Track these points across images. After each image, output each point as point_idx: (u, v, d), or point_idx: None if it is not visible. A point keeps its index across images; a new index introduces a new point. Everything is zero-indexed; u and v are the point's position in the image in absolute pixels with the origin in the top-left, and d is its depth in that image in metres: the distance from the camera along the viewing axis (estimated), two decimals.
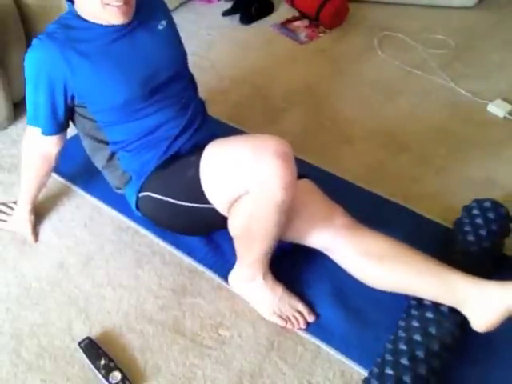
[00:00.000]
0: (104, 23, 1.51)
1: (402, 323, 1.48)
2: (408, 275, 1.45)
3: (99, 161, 1.74)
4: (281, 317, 1.57)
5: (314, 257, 1.62)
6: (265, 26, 2.97)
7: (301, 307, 1.57)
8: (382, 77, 2.57)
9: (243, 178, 1.40)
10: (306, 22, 2.97)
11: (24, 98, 2.29)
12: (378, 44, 2.76)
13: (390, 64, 2.64)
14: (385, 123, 2.30)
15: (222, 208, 1.51)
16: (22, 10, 2.22)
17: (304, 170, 1.65)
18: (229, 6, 3.05)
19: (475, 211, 1.70)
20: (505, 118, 2.30)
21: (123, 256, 1.77)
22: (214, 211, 1.53)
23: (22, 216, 1.82)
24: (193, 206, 1.54)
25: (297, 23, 2.97)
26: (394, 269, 1.47)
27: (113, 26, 1.51)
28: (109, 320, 1.60)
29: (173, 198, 1.56)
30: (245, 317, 1.60)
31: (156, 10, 1.65)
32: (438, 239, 1.73)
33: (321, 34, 2.89)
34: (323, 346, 1.52)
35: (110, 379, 1.43)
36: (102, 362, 1.46)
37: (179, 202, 1.55)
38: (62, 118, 1.62)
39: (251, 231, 1.47)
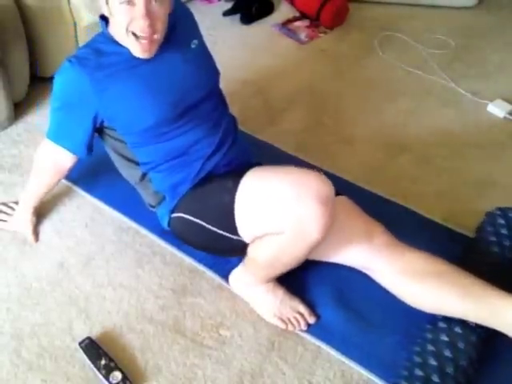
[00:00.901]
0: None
1: (429, 335, 1.46)
2: (453, 298, 1.41)
3: (131, 179, 1.71)
4: (282, 319, 1.56)
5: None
6: (265, 26, 2.97)
7: (301, 309, 1.57)
8: (383, 77, 2.57)
9: (280, 217, 1.37)
10: (306, 22, 2.97)
11: (24, 98, 2.32)
12: (378, 44, 2.76)
13: (391, 64, 2.64)
14: (385, 123, 2.30)
15: (249, 239, 1.50)
16: (23, 10, 2.22)
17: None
18: (229, 6, 3.05)
19: (500, 220, 1.67)
20: (505, 117, 2.31)
21: (124, 256, 1.77)
22: (242, 243, 1.51)
23: (23, 216, 1.82)
24: (223, 234, 1.52)
25: (297, 23, 2.97)
26: (439, 291, 1.43)
27: None
28: (109, 320, 1.60)
29: (205, 222, 1.53)
30: (245, 317, 1.60)
31: (188, 28, 1.63)
32: (437, 239, 1.73)
33: (321, 34, 2.89)
34: (323, 347, 1.52)
35: (111, 379, 1.43)
36: (103, 362, 1.47)
37: (211, 227, 1.52)
38: (91, 141, 1.61)
39: (274, 263, 1.48)
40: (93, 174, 1.95)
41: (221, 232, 1.52)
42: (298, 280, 1.66)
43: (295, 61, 2.71)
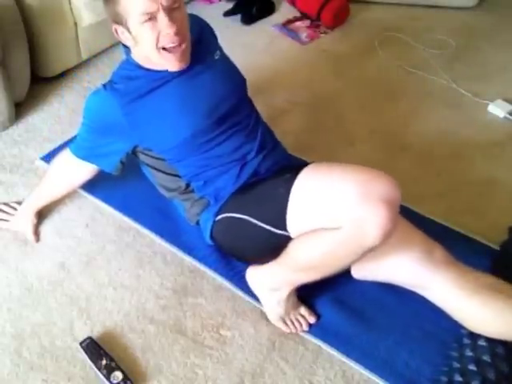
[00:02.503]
0: (161, 68, 1.50)
1: (454, 354, 1.44)
2: None
3: (173, 193, 1.69)
4: (285, 322, 1.56)
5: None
6: (266, 27, 2.97)
7: (302, 310, 1.58)
8: (383, 77, 2.57)
9: (340, 214, 1.30)
10: (307, 23, 2.97)
11: (25, 98, 2.32)
12: (378, 44, 2.76)
13: (391, 64, 2.64)
14: (386, 123, 2.30)
15: (296, 234, 1.44)
16: (24, 10, 2.22)
17: None
18: (230, 6, 3.05)
19: None
20: (505, 118, 2.31)
21: (124, 256, 1.77)
22: (286, 240, 1.46)
23: (24, 216, 1.83)
24: (269, 230, 1.47)
25: (298, 23, 2.97)
26: (503, 313, 1.36)
27: None
28: (110, 320, 1.61)
29: (252, 217, 1.49)
30: (246, 317, 1.61)
31: (209, 41, 1.65)
32: (438, 239, 1.73)
33: (322, 35, 2.89)
34: (324, 346, 1.52)
35: (112, 379, 1.43)
36: (104, 361, 1.47)
37: (257, 223, 1.48)
38: (120, 164, 1.64)
39: (319, 263, 1.41)
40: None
41: (267, 227, 1.47)
42: None
43: (296, 61, 2.71)
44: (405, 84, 2.52)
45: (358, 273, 1.56)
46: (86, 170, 1.69)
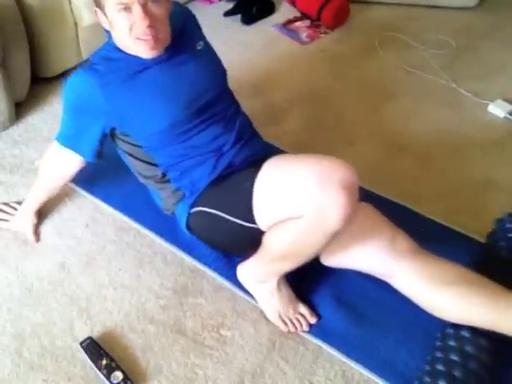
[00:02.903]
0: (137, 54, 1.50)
1: (438, 343, 1.45)
2: (481, 308, 1.37)
3: (149, 181, 1.71)
4: (283, 321, 1.56)
5: (315, 257, 1.62)
6: (266, 27, 2.97)
7: (303, 310, 1.58)
8: (383, 77, 2.57)
9: (302, 202, 1.34)
10: (307, 23, 2.97)
11: (25, 98, 2.33)
12: (378, 44, 2.76)
13: (391, 64, 2.64)
14: (386, 123, 2.30)
15: (265, 226, 1.47)
16: (24, 10, 2.22)
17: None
18: (230, 6, 3.05)
19: (508, 225, 1.67)
20: (505, 117, 2.31)
21: (125, 256, 1.77)
22: (258, 232, 1.49)
23: (24, 216, 1.83)
24: (240, 224, 1.50)
25: (298, 23, 2.97)
26: (465, 301, 1.39)
27: None
28: (110, 320, 1.61)
29: (223, 212, 1.52)
30: (246, 317, 1.61)
31: (193, 31, 1.65)
32: (438, 239, 1.73)
33: (322, 35, 2.89)
34: (324, 346, 1.53)
35: (112, 379, 1.43)
36: (104, 361, 1.47)
37: (228, 217, 1.51)
38: (102, 147, 1.63)
39: (289, 253, 1.45)
40: (94, 174, 1.95)
41: (238, 221, 1.50)
42: (298, 280, 1.66)
43: (296, 61, 2.71)
44: (405, 84, 2.52)
45: (326, 260, 1.55)
46: (74, 161, 1.67)
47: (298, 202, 1.35)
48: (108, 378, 1.43)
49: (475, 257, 1.65)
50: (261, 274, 1.56)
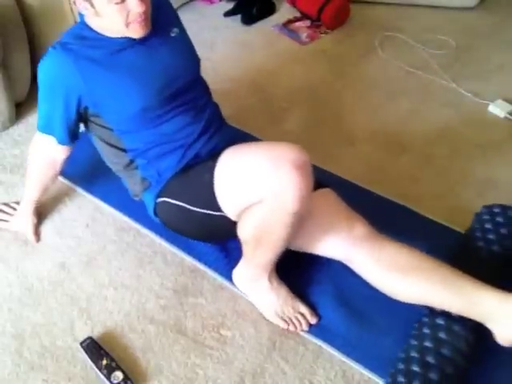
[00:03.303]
0: (118, 35, 1.50)
1: (414, 332, 1.47)
2: (432, 289, 1.42)
3: (117, 167, 1.72)
4: (283, 319, 1.57)
5: (315, 258, 1.62)
6: (266, 27, 2.97)
7: (303, 309, 1.57)
8: (383, 77, 2.57)
9: (259, 187, 1.38)
10: (307, 23, 2.97)
11: (26, 98, 2.33)
12: (379, 44, 2.76)
13: (391, 64, 2.64)
14: (386, 123, 2.31)
15: (232, 215, 1.50)
16: (25, 10, 2.22)
17: (322, 178, 1.65)
18: (230, 6, 3.05)
19: (485, 216, 1.69)
20: (505, 118, 2.31)
21: (125, 256, 1.78)
22: (226, 219, 1.52)
23: (24, 216, 1.83)
24: (206, 213, 1.53)
25: (298, 24, 2.97)
26: (417, 282, 1.44)
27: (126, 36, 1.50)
28: (110, 320, 1.61)
29: (188, 204, 1.56)
30: (246, 317, 1.61)
31: (168, 18, 1.64)
32: (438, 239, 1.73)
33: (322, 35, 2.89)
34: (325, 346, 1.53)
35: (112, 379, 1.43)
36: (104, 362, 1.47)
37: (194, 208, 1.55)
38: (76, 128, 1.62)
39: (260, 239, 1.47)
40: (94, 173, 1.95)
41: (204, 211, 1.53)
42: (299, 280, 1.66)
43: (296, 61, 2.71)
44: (405, 84, 2.52)
45: (292, 243, 1.56)
46: (56, 147, 1.66)
47: (256, 186, 1.40)
48: (108, 378, 1.43)
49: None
50: (251, 272, 1.57)
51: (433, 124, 2.30)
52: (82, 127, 1.67)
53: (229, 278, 1.66)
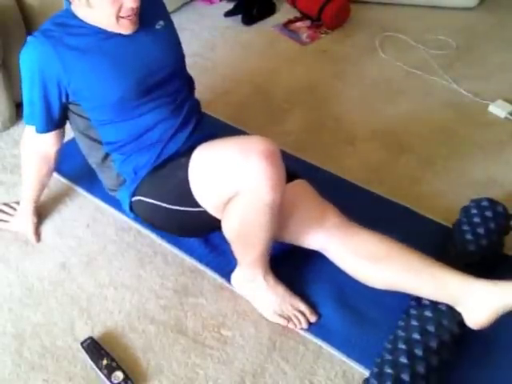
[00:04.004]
0: (105, 27, 1.50)
1: (401, 323, 1.49)
2: (402, 274, 1.46)
3: (94, 160, 1.73)
4: (282, 317, 1.57)
5: (314, 257, 1.62)
6: (266, 27, 2.97)
7: (302, 307, 1.58)
8: (384, 77, 2.57)
9: (231, 180, 1.40)
10: (307, 23, 2.97)
11: None
12: (379, 45, 2.77)
13: (392, 64, 2.64)
14: (386, 124, 2.31)
15: (213, 211, 1.51)
16: (24, 10, 2.22)
17: (305, 170, 1.66)
18: (231, 6, 3.05)
19: (473, 210, 1.70)
20: (506, 118, 2.31)
21: (125, 256, 1.78)
22: (206, 214, 1.52)
23: (24, 216, 1.83)
24: (185, 210, 1.54)
25: (298, 24, 2.97)
26: (388, 269, 1.47)
27: None
28: (111, 320, 1.61)
29: (165, 202, 1.56)
30: (246, 317, 1.61)
31: (154, 10, 1.64)
32: (439, 239, 1.73)
33: (322, 35, 2.89)
34: (325, 346, 1.53)
35: (112, 379, 1.43)
36: (104, 361, 1.47)
37: (171, 207, 1.56)
38: (56, 116, 1.61)
39: (244, 234, 1.48)
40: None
41: (183, 208, 1.54)
42: (298, 279, 1.66)
43: (296, 61, 2.71)
44: (405, 84, 2.52)
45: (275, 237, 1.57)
46: (43, 139, 1.66)
47: (229, 179, 1.40)
48: (109, 377, 1.43)
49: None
50: (245, 273, 1.58)
51: (433, 124, 2.30)
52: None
53: (229, 278, 1.66)
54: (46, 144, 1.68)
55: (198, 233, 1.75)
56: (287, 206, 1.51)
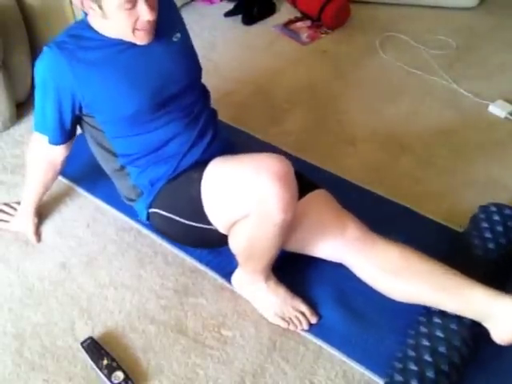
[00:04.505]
0: (121, 38, 1.49)
1: (410, 331, 1.48)
2: (426, 289, 1.43)
3: (109, 170, 1.72)
4: (283, 318, 1.57)
5: (315, 258, 1.62)
6: (267, 27, 2.97)
7: (303, 308, 1.58)
8: (384, 77, 2.57)
9: (243, 199, 1.40)
10: (308, 23, 2.97)
11: (26, 98, 2.33)
12: (379, 45, 2.76)
13: (392, 65, 2.64)
14: (387, 124, 2.31)
15: (222, 229, 1.53)
16: (25, 11, 2.22)
17: (305, 170, 1.66)
18: (231, 6, 3.05)
19: (481, 215, 1.69)
20: (506, 118, 2.31)
21: (126, 256, 1.78)
22: (217, 232, 1.54)
23: (24, 217, 1.83)
24: (197, 226, 1.55)
25: (299, 24, 2.97)
26: (411, 283, 1.45)
27: None
28: (111, 320, 1.61)
29: (179, 217, 1.57)
30: (247, 317, 1.61)
31: (171, 22, 1.63)
32: (439, 240, 1.73)
33: (323, 35, 2.89)
34: (325, 346, 1.53)
35: (113, 379, 1.43)
36: (105, 361, 1.47)
37: (185, 221, 1.56)
38: (68, 128, 1.61)
39: (251, 250, 1.49)
40: (94, 173, 1.95)
41: (195, 224, 1.55)
42: (299, 280, 1.66)
43: (296, 61, 2.71)
44: (405, 84, 2.52)
45: (287, 246, 1.57)
46: (54, 149, 1.66)
47: (241, 199, 1.42)
48: (109, 377, 1.43)
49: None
50: (247, 277, 1.58)
51: (433, 124, 2.30)
52: (78, 129, 1.68)
53: (229, 278, 1.66)
54: (56, 153, 1.68)
55: (213, 246, 1.73)
56: (306, 218, 1.51)
